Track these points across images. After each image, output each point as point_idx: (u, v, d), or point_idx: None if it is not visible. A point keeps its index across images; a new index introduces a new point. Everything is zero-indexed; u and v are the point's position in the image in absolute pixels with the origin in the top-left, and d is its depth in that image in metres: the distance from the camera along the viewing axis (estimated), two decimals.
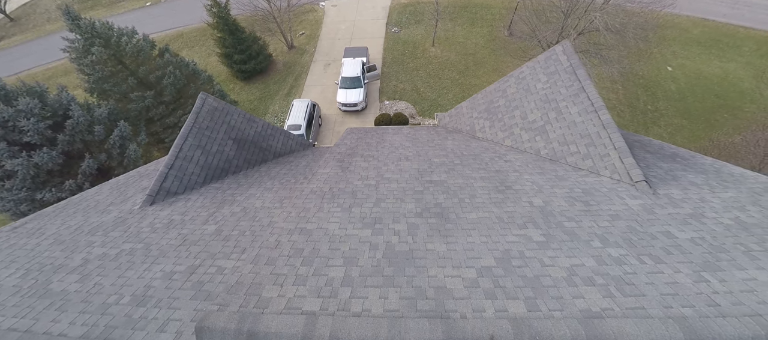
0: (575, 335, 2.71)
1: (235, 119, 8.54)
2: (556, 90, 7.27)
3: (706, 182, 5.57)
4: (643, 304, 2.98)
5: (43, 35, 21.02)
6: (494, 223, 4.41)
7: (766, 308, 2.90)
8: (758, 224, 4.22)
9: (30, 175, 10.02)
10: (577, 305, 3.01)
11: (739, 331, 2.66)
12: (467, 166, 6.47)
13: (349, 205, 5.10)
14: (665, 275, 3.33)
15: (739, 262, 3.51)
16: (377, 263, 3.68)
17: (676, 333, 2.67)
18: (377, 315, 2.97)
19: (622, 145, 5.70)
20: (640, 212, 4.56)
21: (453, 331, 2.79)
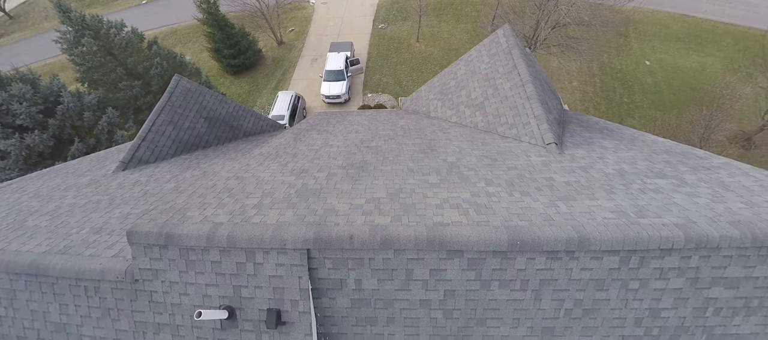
0: (418, 237, 3.49)
1: (207, 100, 9.44)
2: (495, 69, 8.06)
3: (616, 146, 6.32)
4: (489, 220, 3.74)
5: (41, 32, 22.38)
6: (403, 173, 5.19)
7: (587, 220, 3.64)
8: (637, 172, 4.95)
9: (22, 156, 11.02)
10: (434, 219, 3.78)
11: (555, 234, 3.41)
12: (406, 137, 7.26)
13: (287, 161, 5.93)
14: (523, 204, 4.09)
15: (595, 195, 4.25)
16: (288, 196, 4.49)
17: (502, 235, 3.43)
18: (271, 225, 3.77)
19: (540, 113, 6.47)
20: (537, 165, 5.31)
21: (322, 233, 3.59)
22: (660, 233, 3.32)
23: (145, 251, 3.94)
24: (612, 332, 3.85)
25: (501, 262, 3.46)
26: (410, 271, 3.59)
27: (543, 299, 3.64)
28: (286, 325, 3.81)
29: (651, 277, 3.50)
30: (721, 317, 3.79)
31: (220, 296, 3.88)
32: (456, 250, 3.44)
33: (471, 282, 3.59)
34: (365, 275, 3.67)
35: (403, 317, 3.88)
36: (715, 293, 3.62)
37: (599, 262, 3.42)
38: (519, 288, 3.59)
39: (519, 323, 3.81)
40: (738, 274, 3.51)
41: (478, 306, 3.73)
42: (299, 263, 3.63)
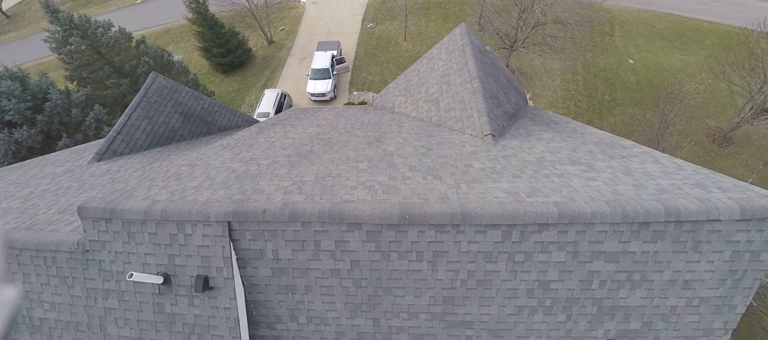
0: (322, 211, 3.96)
1: (183, 96, 9.99)
2: (450, 66, 8.50)
3: (552, 137, 6.73)
4: (390, 198, 4.18)
5: (37, 32, 23.25)
6: (340, 160, 5.66)
7: (476, 198, 4.06)
8: (555, 160, 5.36)
9: (11, 150, 11.69)
10: (343, 197, 4.24)
11: (442, 209, 3.85)
12: (361, 130, 7.73)
13: (240, 151, 6.44)
14: (430, 185, 4.53)
15: (501, 179, 4.67)
16: (227, 180, 4.99)
17: (394, 210, 3.89)
18: (200, 202, 4.27)
19: (482, 107, 6.90)
20: (465, 154, 5.74)
21: (240, 207, 4.08)
22: (536, 209, 3.75)
23: (93, 225, 4.46)
24: (507, 302, 4.28)
25: (395, 234, 3.92)
26: (318, 242, 4.06)
27: (439, 269, 4.08)
28: (213, 290, 4.30)
29: (534, 250, 3.92)
30: (607, 290, 4.20)
31: (157, 264, 4.38)
32: (355, 223, 3.90)
33: (372, 253, 4.05)
34: (280, 245, 4.15)
35: (318, 286, 4.36)
36: (598, 267, 4.03)
37: (484, 235, 3.86)
38: (415, 259, 4.04)
39: (421, 292, 4.26)
40: (615, 248, 3.93)
41: (383, 276, 4.18)
42: (222, 234, 4.12)
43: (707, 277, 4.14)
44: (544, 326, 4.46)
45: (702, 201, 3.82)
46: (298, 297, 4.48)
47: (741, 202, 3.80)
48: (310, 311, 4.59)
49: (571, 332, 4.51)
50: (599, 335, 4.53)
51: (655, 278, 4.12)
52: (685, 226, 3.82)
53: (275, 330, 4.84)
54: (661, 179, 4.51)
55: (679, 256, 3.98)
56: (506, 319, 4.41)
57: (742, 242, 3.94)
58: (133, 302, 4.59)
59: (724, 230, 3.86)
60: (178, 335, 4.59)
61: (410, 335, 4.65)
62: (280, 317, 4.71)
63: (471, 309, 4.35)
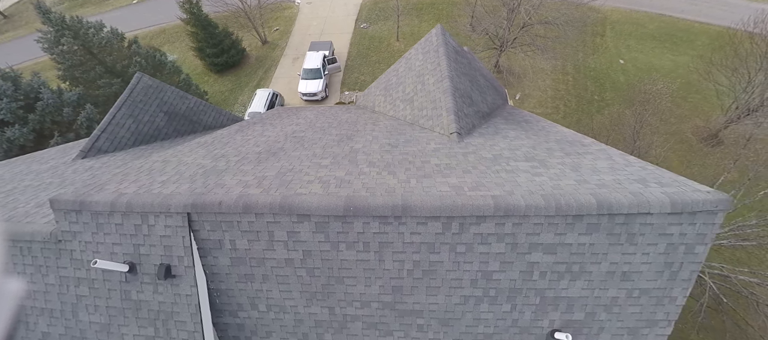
0: (273, 203, 4.21)
1: (168, 96, 10.30)
2: (426, 65, 8.74)
3: (518, 135, 6.96)
4: (340, 191, 4.42)
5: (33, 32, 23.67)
6: (306, 157, 5.92)
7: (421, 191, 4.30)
8: (511, 157, 5.59)
9: (3, 148, 12.05)
10: (297, 190, 4.48)
11: (384, 201, 4.09)
12: (336, 129, 7.99)
13: (214, 148, 6.71)
14: (381, 179, 4.76)
15: (452, 174, 4.90)
16: (194, 175, 5.26)
17: (340, 202, 4.13)
18: (164, 194, 4.53)
19: (450, 106, 7.13)
20: (428, 151, 5.98)
21: (199, 199, 4.34)
22: (473, 202, 3.98)
23: (64, 216, 4.74)
24: (453, 292, 4.51)
25: (342, 225, 4.16)
26: (271, 232, 4.32)
27: (386, 259, 4.32)
28: (176, 277, 4.56)
29: (474, 241, 4.15)
30: (548, 281, 4.42)
31: (123, 253, 4.66)
32: (304, 214, 4.15)
33: (322, 244, 4.30)
34: (237, 236, 4.41)
35: (275, 275, 4.61)
36: (536, 258, 4.25)
37: (425, 227, 4.09)
38: (363, 250, 4.28)
39: (371, 281, 4.50)
40: (552, 240, 4.15)
41: (334, 265, 4.43)
42: (182, 225, 4.39)
43: (644, 269, 4.34)
44: (491, 316, 4.69)
45: (634, 195, 4.03)
46: (257, 286, 4.74)
47: (672, 196, 4.01)
48: (269, 299, 4.84)
49: (517, 321, 4.73)
50: (545, 325, 4.75)
51: (593, 270, 4.33)
52: (618, 219, 4.04)
53: (238, 318, 5.10)
54: (606, 174, 4.72)
55: (615, 248, 4.20)
56: (454, 308, 4.63)
57: (676, 235, 4.15)
58: (102, 290, 4.86)
59: (657, 223, 4.07)
60: (144, 320, 4.85)
61: (364, 324, 4.90)
62: (241, 305, 4.97)
63: (419, 298, 4.58)
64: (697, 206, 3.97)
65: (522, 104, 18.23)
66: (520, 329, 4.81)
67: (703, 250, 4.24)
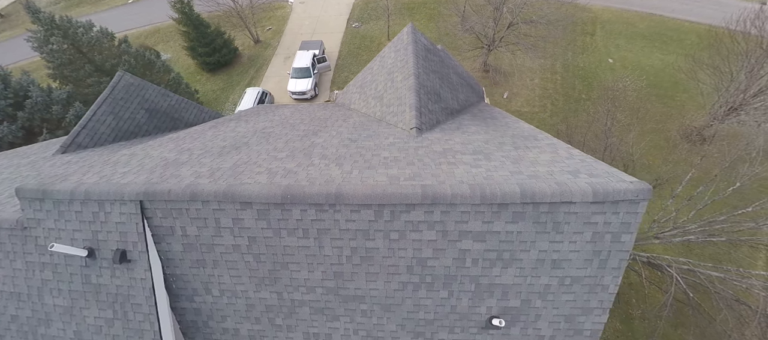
0: (217, 191, 4.50)
1: (149, 93, 10.66)
2: (396, 63, 9.01)
3: (479, 130, 7.22)
4: (283, 182, 4.70)
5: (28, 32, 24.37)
6: (266, 151, 6.21)
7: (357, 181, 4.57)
8: (460, 151, 5.83)
9: None
10: (244, 180, 4.78)
11: (319, 190, 4.37)
12: (306, 125, 8.29)
13: (184, 143, 7.03)
14: (327, 171, 5.04)
15: (395, 166, 5.15)
16: (155, 166, 5.57)
17: (278, 191, 4.41)
18: (120, 183, 4.85)
19: (412, 102, 7.40)
20: (384, 145, 6.25)
21: (150, 188, 4.65)
22: (402, 190, 4.25)
23: (29, 204, 5.07)
24: (392, 278, 4.78)
25: (282, 213, 4.45)
26: (218, 219, 4.61)
27: (325, 246, 4.60)
28: (131, 262, 4.88)
29: (406, 229, 4.42)
30: (480, 268, 4.67)
31: (83, 239, 4.98)
32: (246, 202, 4.45)
33: (265, 230, 4.59)
34: (187, 223, 4.71)
35: (224, 260, 4.91)
36: (467, 245, 4.51)
37: (358, 214, 4.36)
38: (303, 236, 4.56)
39: (314, 267, 4.79)
40: (480, 228, 4.40)
41: (278, 251, 4.71)
42: (135, 212, 4.70)
43: (573, 257, 4.58)
44: (430, 302, 4.95)
45: (559, 185, 4.27)
46: (209, 271, 5.03)
47: (595, 186, 4.24)
48: (221, 284, 5.14)
49: (455, 308, 4.99)
50: (482, 311, 5.00)
51: (524, 258, 4.57)
52: (542, 208, 4.28)
53: (194, 303, 5.40)
54: (542, 166, 4.96)
55: (542, 236, 4.44)
56: (393, 294, 4.90)
57: (600, 224, 4.38)
58: (65, 274, 5.19)
59: (581, 212, 4.30)
60: (103, 303, 5.17)
61: (311, 309, 5.18)
62: (196, 290, 5.27)
63: (360, 284, 4.85)
64: (619, 195, 4.20)
65: (510, 102, 18.44)
66: (459, 316, 5.06)
67: (629, 239, 4.47)
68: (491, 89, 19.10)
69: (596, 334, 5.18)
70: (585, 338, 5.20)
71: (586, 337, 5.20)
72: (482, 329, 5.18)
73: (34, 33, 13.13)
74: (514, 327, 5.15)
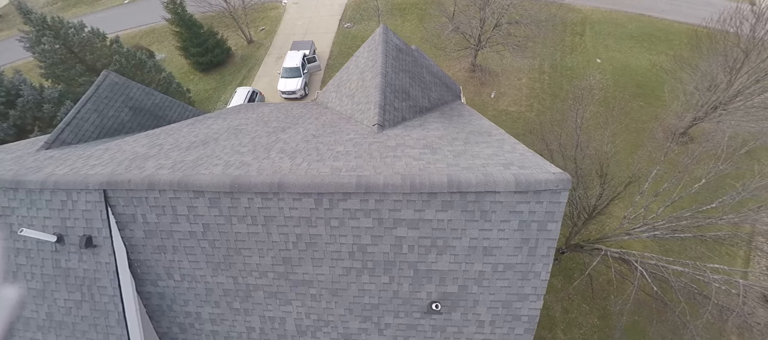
0: (173, 180, 4.95)
1: (134, 92, 11.19)
2: (367, 63, 9.44)
3: (439, 127, 7.62)
4: (234, 172, 5.15)
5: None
6: (232, 146, 6.66)
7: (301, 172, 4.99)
8: (412, 145, 6.22)
9: None
10: (200, 171, 5.22)
11: (263, 179, 4.81)
12: (278, 122, 8.74)
13: (158, 138, 7.51)
14: (278, 162, 5.47)
15: (343, 159, 5.57)
16: (124, 160, 6.04)
17: (226, 180, 4.85)
18: (87, 173, 5.32)
19: (377, 100, 7.82)
20: (342, 140, 6.67)
21: (113, 177, 5.11)
22: (338, 180, 4.67)
23: (4, 193, 5.56)
24: (336, 263, 5.20)
25: (231, 200, 4.89)
26: (174, 207, 5.06)
27: (272, 232, 5.03)
28: (96, 247, 5.34)
29: (344, 216, 4.83)
30: (417, 254, 5.07)
31: (53, 225, 5.45)
32: (198, 191, 4.89)
33: (217, 217, 5.03)
34: (146, 211, 5.16)
35: (182, 247, 5.35)
36: (402, 232, 4.91)
37: (300, 202, 4.79)
38: (252, 223, 5.00)
39: (264, 253, 5.22)
40: (413, 216, 4.80)
41: (230, 238, 5.15)
42: (99, 200, 5.16)
43: (503, 244, 4.96)
44: (373, 287, 5.35)
45: (485, 175, 4.66)
46: (169, 257, 5.48)
47: (518, 176, 4.62)
48: (182, 269, 5.59)
49: (397, 293, 5.39)
50: (423, 297, 5.39)
51: (456, 245, 4.96)
52: (469, 196, 4.67)
53: (158, 287, 5.85)
54: (481, 159, 5.34)
55: (471, 224, 4.83)
56: (339, 279, 5.31)
57: (526, 213, 4.76)
58: (37, 259, 5.67)
59: (505, 201, 4.69)
60: (72, 286, 5.64)
61: (265, 293, 5.61)
62: (159, 275, 5.72)
63: (307, 269, 5.28)
64: (541, 185, 4.58)
65: (497, 102, 18.79)
66: (402, 301, 5.46)
67: (555, 227, 4.84)
68: (479, 89, 19.48)
69: (533, 320, 5.55)
70: (523, 323, 5.58)
71: (524, 323, 5.58)
72: (425, 314, 5.58)
73: (25, 33, 13.76)
74: (455, 313, 5.54)
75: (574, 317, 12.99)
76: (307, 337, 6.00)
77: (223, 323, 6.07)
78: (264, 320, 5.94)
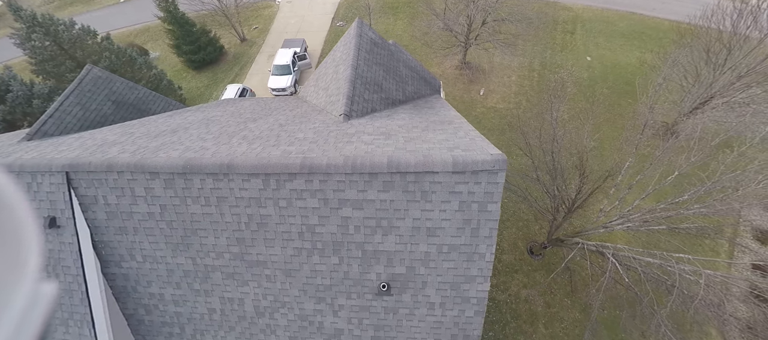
0: (129, 162, 5.25)
1: (117, 86, 11.57)
2: (342, 56, 9.74)
3: (404, 117, 7.86)
4: (188, 156, 5.44)
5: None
6: (199, 134, 6.97)
7: (252, 155, 5.27)
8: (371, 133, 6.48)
9: None
10: (159, 155, 5.52)
11: (213, 160, 5.10)
12: (251, 113, 9.05)
13: (132, 128, 7.84)
14: (235, 146, 5.75)
15: (297, 144, 5.85)
16: (92, 146, 6.37)
17: (179, 162, 5.15)
18: (52, 157, 5.64)
19: (345, 91, 8.10)
20: (306, 129, 6.95)
21: (74, 160, 5.42)
22: (283, 161, 4.94)
23: None
24: (287, 243, 5.47)
25: (184, 182, 5.18)
26: (132, 189, 5.37)
27: (225, 213, 5.31)
28: (60, 228, 5.66)
29: (291, 196, 5.11)
30: (363, 235, 5.32)
31: None
32: (154, 172, 5.19)
33: (173, 198, 5.32)
34: (107, 192, 5.47)
35: (142, 228, 5.65)
36: (347, 213, 5.17)
37: (249, 183, 5.07)
38: (205, 203, 5.28)
39: (219, 233, 5.50)
40: (356, 196, 5.06)
41: (186, 219, 5.44)
42: (62, 182, 5.48)
43: (446, 225, 5.20)
44: (325, 268, 5.61)
45: (424, 156, 4.91)
46: (131, 238, 5.79)
47: (455, 157, 4.86)
48: (143, 250, 5.88)
49: (348, 274, 5.64)
50: (373, 278, 5.64)
51: (400, 225, 5.21)
52: (409, 177, 4.92)
53: (122, 268, 6.16)
54: (430, 143, 5.58)
55: (413, 205, 5.07)
56: (291, 260, 5.58)
57: (465, 193, 5.00)
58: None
59: (444, 181, 4.93)
60: None
61: (223, 274, 5.89)
62: (122, 256, 6.03)
63: (260, 249, 5.55)
64: (478, 165, 4.82)
65: (486, 99, 19.00)
66: (353, 282, 5.71)
67: (495, 208, 5.07)
68: (468, 86, 19.71)
69: (482, 301, 5.77)
70: (472, 305, 5.80)
71: (473, 304, 5.80)
72: (377, 295, 5.82)
73: (16, 30, 14.26)
74: (405, 294, 5.77)
75: (556, 312, 13.12)
76: (266, 318, 6.27)
77: (186, 305, 6.36)
78: (224, 302, 6.22)
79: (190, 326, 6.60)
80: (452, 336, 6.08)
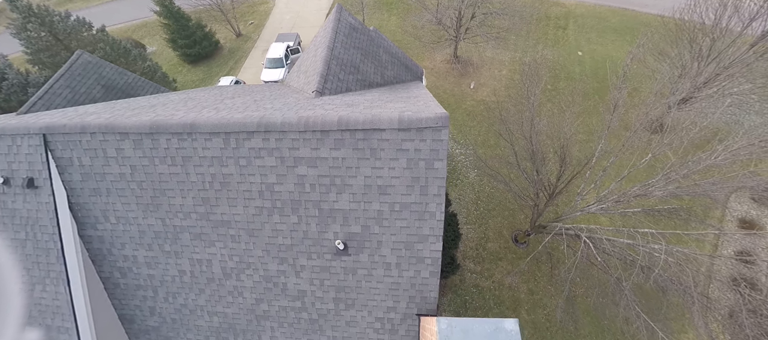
0: (100, 124, 5.73)
1: (107, 71, 12.16)
2: (322, 40, 10.23)
3: (376, 95, 8.27)
4: (159, 119, 5.91)
5: None
6: (175, 108, 7.45)
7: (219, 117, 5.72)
8: (337, 104, 6.93)
9: None
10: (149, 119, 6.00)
11: (178, 120, 5.56)
12: (233, 94, 9.55)
13: (117, 106, 8.37)
14: (206, 114, 6.21)
15: (261, 110, 6.29)
16: (74, 114, 6.87)
17: (146, 122, 5.61)
18: (30, 121, 6.15)
19: (319, 70, 8.57)
20: (281, 102, 7.40)
21: (51, 122, 5.91)
22: (242, 120, 5.39)
23: None
24: (248, 203, 5.89)
25: (152, 141, 5.64)
26: (104, 150, 5.84)
27: (191, 173, 5.76)
28: (37, 188, 6.14)
29: (250, 155, 5.54)
30: (319, 193, 5.73)
31: (1, 169, 6.28)
32: (123, 133, 5.66)
33: (142, 158, 5.79)
34: (81, 154, 5.96)
35: (115, 189, 6.12)
36: (303, 171, 5.58)
37: (211, 142, 5.52)
38: (172, 163, 5.74)
39: (185, 193, 5.95)
40: (310, 154, 5.47)
41: (155, 179, 5.90)
42: (39, 144, 5.98)
43: (396, 183, 5.58)
44: (285, 227, 6.02)
45: (372, 115, 5.30)
46: (104, 199, 6.25)
47: (402, 114, 5.25)
48: (116, 211, 6.35)
49: (307, 233, 6.04)
50: (330, 237, 6.03)
51: (353, 183, 5.61)
52: (358, 134, 5.31)
53: (98, 230, 6.62)
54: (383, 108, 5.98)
55: (364, 162, 5.47)
56: (253, 219, 6.00)
57: (412, 151, 5.37)
58: None
59: (391, 138, 5.31)
60: (18, 226, 6.44)
61: (191, 234, 6.32)
62: (97, 218, 6.50)
63: (224, 209, 5.98)
64: (421, 123, 5.19)
65: (476, 92, 19.41)
66: (312, 241, 6.11)
67: (442, 165, 5.43)
68: (459, 80, 20.14)
69: (436, 261, 6.12)
70: (427, 265, 6.15)
71: (428, 265, 6.15)
72: (335, 256, 6.21)
73: (12, 20, 15.01)
74: (362, 254, 6.15)
75: (539, 298, 13.38)
76: (232, 280, 6.69)
77: (158, 267, 6.80)
78: (193, 263, 6.65)
79: (163, 289, 7.03)
80: (410, 298, 6.44)
